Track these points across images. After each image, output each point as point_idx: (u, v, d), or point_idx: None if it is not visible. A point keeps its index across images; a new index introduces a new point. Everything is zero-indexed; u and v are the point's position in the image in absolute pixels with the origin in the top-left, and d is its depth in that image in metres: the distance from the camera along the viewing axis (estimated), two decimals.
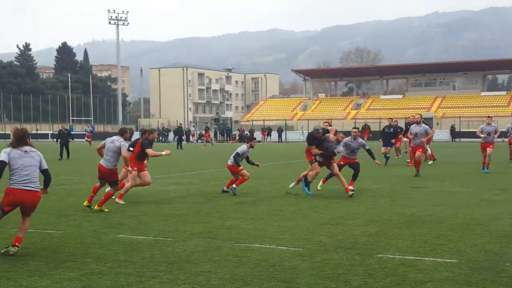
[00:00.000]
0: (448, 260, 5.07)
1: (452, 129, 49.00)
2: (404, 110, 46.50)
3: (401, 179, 13.86)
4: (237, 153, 10.76)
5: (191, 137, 54.28)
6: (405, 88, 76.28)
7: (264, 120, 62.27)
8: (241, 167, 10.74)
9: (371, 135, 29.51)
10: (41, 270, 4.82)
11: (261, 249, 5.68)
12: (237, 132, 53.76)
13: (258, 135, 53.78)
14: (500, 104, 61.92)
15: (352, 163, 10.74)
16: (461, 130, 49.67)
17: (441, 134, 49.19)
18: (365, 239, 6.21)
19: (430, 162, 18.18)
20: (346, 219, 7.71)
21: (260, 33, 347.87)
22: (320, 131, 10.17)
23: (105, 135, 28.80)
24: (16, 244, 5.33)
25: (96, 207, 8.36)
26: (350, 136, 10.92)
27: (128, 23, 74.99)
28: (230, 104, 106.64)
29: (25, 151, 5.41)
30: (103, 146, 8.72)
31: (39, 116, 76.36)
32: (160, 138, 48.71)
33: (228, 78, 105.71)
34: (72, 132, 37.11)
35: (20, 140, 5.50)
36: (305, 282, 4.35)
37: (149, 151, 9.32)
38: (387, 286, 4.22)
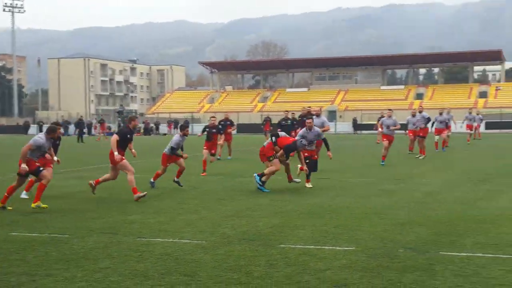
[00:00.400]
0: (347, 248, 5.38)
1: (354, 121, 52.45)
2: (309, 103, 48.79)
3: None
4: (171, 147, 10.42)
5: (93, 130, 51.24)
6: (310, 81, 79.62)
7: (170, 112, 61.80)
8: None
9: (271, 127, 30.55)
10: None
11: (164, 243, 5.63)
12: (142, 125, 52.03)
13: (164, 128, 52.98)
14: (399, 98, 65.02)
15: (310, 161, 10.69)
16: (363, 123, 53.03)
17: (343, 127, 52.45)
18: (268, 230, 6.39)
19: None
20: (251, 211, 7.89)
21: (167, 24, 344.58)
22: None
23: None
24: None
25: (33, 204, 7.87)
26: (305, 128, 10.88)
27: (24, 11, 71.88)
28: (135, 96, 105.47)
29: None
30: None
31: None
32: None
33: (132, 69, 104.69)
34: None
35: None
36: (207, 275, 4.37)
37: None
38: (288, 276, 4.36)
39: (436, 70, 74.00)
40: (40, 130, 35.34)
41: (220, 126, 15.52)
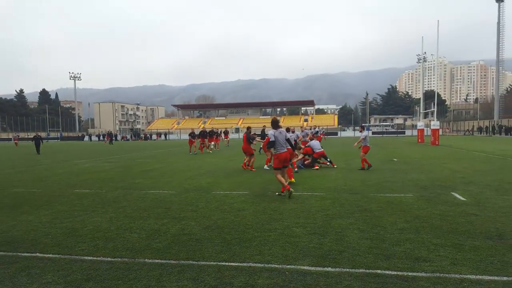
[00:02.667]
0: (244, 192, 10.16)
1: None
2: (226, 125, 77.92)
3: None
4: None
5: (118, 137, 63.13)
6: (226, 114, 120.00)
7: (157, 129, 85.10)
8: None
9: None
10: None
11: (154, 193, 10.26)
12: (143, 135, 64.42)
13: (154, 136, 61.35)
14: (268, 122, 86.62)
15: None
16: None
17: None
18: (207, 185, 11.35)
19: None
20: (198, 176, 12.89)
21: (155, 86, 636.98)
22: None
23: None
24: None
25: None
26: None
27: (81, 78, 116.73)
28: (139, 121, 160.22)
29: None
30: None
31: None
32: None
33: (137, 108, 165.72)
34: None
35: None
36: (176, 207, 8.98)
37: None
38: (217, 206, 8.96)
39: (285, 108, 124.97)
40: (90, 139, 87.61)
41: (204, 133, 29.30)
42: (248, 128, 16.63)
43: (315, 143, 16.51)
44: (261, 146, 16.72)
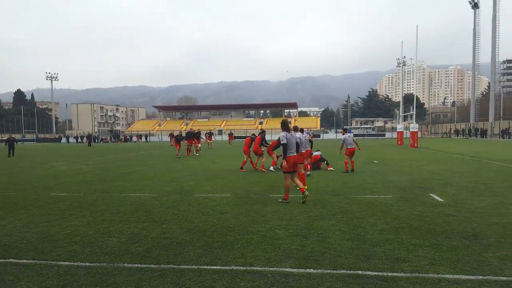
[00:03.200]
0: (227, 195, 10.11)
1: (230, 135, 52.01)
2: (210, 127, 79.95)
3: None
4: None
5: (97, 140, 61.77)
6: (209, 116, 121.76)
7: (137, 130, 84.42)
8: None
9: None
10: None
11: (134, 196, 10.09)
12: (123, 137, 64.96)
13: (134, 138, 61.54)
14: (250, 124, 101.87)
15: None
16: (236, 135, 59.31)
17: (225, 137, 55.28)
18: (188, 188, 11.22)
19: None
20: (179, 179, 12.71)
21: (135, 87, 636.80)
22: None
23: None
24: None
25: None
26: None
27: (58, 79, 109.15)
28: (118, 123, 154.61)
29: None
30: None
31: None
32: None
33: (117, 109, 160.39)
34: None
35: None
36: (156, 211, 8.88)
37: None
38: (198, 209, 8.91)
39: (268, 110, 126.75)
40: (67, 141, 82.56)
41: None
42: (263, 131, 17.81)
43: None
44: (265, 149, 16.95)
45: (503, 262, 5.04)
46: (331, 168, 16.26)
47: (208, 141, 40.53)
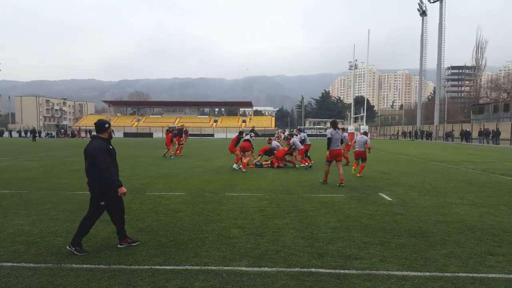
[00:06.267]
0: (181, 193, 9.96)
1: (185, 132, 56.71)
2: (163, 123, 71.39)
3: None
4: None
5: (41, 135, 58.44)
6: (162, 112, 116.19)
7: (86, 126, 78.50)
8: None
9: None
10: None
11: (81, 194, 9.67)
12: (70, 133, 62.15)
13: (83, 134, 59.25)
14: (205, 121, 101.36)
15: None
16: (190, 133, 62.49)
17: None
18: (140, 186, 10.94)
19: None
20: (130, 178, 12.35)
21: (84, 80, 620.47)
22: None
23: None
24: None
25: None
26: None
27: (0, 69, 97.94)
28: (66, 117, 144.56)
29: None
30: None
31: None
32: None
33: (64, 103, 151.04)
34: None
35: None
36: None
37: None
38: (151, 208, 8.64)
39: (223, 109, 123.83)
40: (10, 135, 77.50)
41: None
42: (253, 129, 19.25)
43: (275, 144, 18.09)
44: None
45: (447, 259, 5.31)
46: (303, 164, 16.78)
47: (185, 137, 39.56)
